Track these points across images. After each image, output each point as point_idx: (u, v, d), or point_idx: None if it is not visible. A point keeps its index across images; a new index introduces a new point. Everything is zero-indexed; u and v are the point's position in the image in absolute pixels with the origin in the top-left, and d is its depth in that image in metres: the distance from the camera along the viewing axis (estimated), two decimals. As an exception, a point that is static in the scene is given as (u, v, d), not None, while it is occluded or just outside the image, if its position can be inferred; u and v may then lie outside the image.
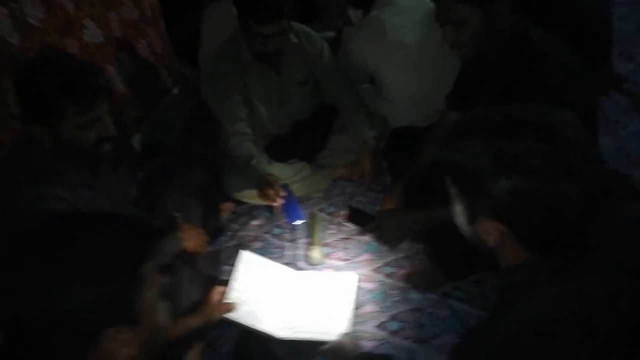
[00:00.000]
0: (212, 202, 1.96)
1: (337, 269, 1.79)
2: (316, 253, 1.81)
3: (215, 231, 1.96)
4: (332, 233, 1.95)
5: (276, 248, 1.93)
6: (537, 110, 0.77)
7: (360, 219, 1.65)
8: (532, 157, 0.71)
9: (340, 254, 1.85)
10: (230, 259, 1.85)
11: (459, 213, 0.87)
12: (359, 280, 1.68)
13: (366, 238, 1.87)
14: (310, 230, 1.94)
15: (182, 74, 3.18)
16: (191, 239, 1.68)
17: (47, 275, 0.65)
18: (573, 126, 0.75)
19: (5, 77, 1.85)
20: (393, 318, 1.61)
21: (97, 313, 0.68)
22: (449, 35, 1.36)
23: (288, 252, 1.89)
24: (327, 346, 1.37)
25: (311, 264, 1.81)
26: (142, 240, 0.74)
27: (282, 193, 1.78)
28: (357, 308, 1.62)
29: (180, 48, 3.11)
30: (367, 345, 1.55)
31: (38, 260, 0.67)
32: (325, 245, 1.89)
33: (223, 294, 1.50)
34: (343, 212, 1.69)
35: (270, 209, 2.07)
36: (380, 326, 1.60)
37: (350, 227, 1.71)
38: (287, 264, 1.79)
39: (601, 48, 1.88)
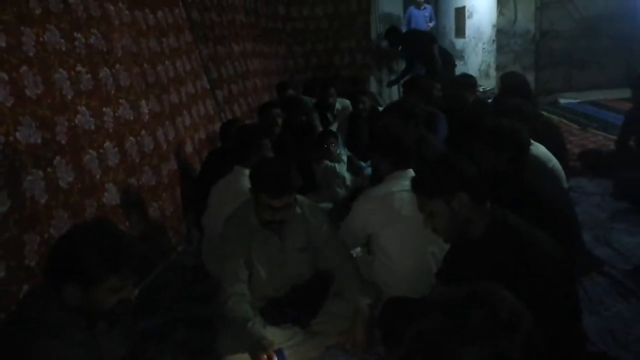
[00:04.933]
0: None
1: None
2: None
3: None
4: (323, 405, 1.88)
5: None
6: (484, 288, 0.92)
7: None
8: (476, 324, 0.84)
9: None
10: None
11: None
12: None
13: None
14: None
15: (188, 235, 3.35)
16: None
17: None
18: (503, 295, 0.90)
19: (27, 232, 2.00)
20: None
21: None
22: (426, 222, 1.61)
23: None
24: None
25: None
26: None
27: (275, 359, 1.77)
28: None
29: (191, 212, 3.34)
30: None
31: None
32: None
33: None
34: None
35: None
36: None
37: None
38: None
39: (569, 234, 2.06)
